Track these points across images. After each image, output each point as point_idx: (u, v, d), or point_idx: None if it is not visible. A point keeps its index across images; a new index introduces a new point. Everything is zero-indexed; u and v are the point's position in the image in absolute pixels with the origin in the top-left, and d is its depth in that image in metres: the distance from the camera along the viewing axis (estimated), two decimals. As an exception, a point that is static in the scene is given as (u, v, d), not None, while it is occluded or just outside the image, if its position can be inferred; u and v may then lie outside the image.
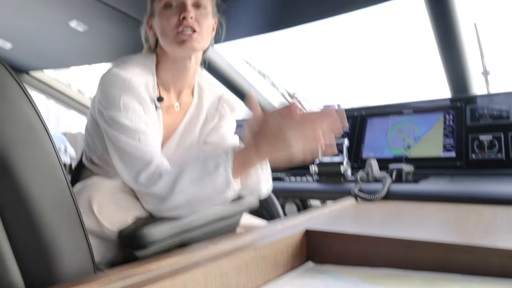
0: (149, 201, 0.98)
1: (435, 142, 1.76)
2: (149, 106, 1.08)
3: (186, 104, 1.21)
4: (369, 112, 2.03)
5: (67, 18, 2.15)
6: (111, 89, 1.03)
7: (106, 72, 1.07)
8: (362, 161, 1.88)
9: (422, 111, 1.87)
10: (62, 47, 2.67)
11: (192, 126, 1.21)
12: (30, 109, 0.52)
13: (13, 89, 0.51)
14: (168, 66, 1.14)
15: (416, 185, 1.39)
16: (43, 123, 0.53)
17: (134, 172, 0.97)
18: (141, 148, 0.99)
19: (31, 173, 0.51)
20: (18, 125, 0.51)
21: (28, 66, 3.10)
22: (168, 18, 1.07)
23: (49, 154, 0.53)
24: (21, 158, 0.50)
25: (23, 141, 0.51)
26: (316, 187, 1.65)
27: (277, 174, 1.95)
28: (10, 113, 0.50)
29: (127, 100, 1.03)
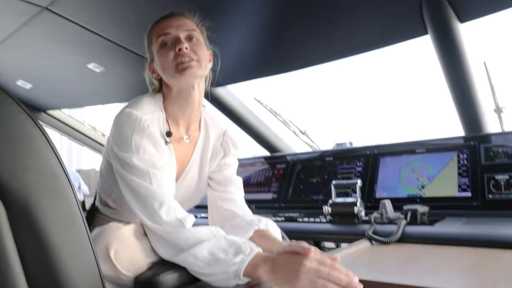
0: (166, 245, 0.99)
1: (450, 181, 1.74)
2: (160, 142, 1.14)
3: (194, 138, 1.27)
4: (382, 151, 2.03)
5: (86, 61, 2.23)
6: (123, 128, 1.09)
7: (119, 112, 1.13)
8: (375, 200, 1.86)
9: (435, 150, 1.86)
10: (79, 87, 2.75)
11: (203, 158, 1.28)
12: (53, 158, 0.54)
13: (39, 139, 0.53)
14: (174, 99, 1.20)
15: (431, 227, 1.37)
16: (65, 172, 0.55)
17: (151, 211, 1.00)
18: (153, 190, 1.03)
19: (52, 221, 0.53)
20: (42, 174, 0.53)
21: (47, 105, 3.20)
22: (165, 54, 1.14)
23: (70, 202, 0.55)
24: (44, 207, 0.52)
25: (47, 189, 0.53)
26: (330, 228, 1.63)
27: (290, 214, 1.94)
28: (35, 163, 0.52)
29: (138, 139, 1.08)
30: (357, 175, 2.02)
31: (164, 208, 1.01)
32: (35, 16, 1.77)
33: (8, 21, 1.83)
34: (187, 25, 1.19)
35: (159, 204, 1.01)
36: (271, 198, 2.26)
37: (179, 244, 0.97)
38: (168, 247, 0.99)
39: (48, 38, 2.00)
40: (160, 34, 1.17)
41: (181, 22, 1.18)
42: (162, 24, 1.19)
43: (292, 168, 2.31)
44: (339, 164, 2.14)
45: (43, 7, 1.68)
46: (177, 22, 1.18)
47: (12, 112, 0.52)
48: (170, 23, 1.18)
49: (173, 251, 0.98)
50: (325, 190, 2.08)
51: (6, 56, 2.26)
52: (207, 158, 1.29)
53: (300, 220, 1.77)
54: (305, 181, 2.20)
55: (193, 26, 1.21)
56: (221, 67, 1.30)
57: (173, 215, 1.00)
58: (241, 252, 0.93)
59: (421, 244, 1.27)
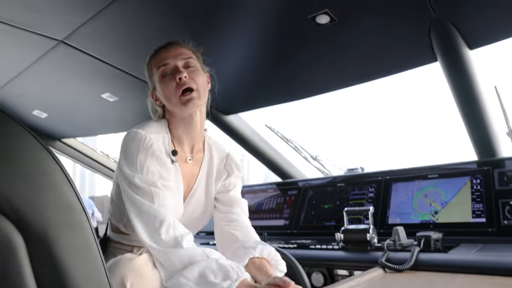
0: (162, 267, 1.04)
1: (464, 207, 1.72)
2: (165, 160, 1.19)
3: (199, 158, 1.33)
4: (394, 176, 2.02)
5: (100, 91, 2.28)
6: (129, 147, 1.16)
7: (127, 132, 1.21)
8: (388, 226, 1.85)
9: (448, 175, 1.85)
10: (93, 117, 2.80)
11: (209, 178, 1.34)
12: (70, 191, 0.56)
13: (57, 174, 0.55)
14: (178, 123, 1.27)
15: (446, 255, 1.35)
16: (81, 204, 0.57)
17: (151, 230, 1.06)
18: (154, 208, 1.08)
19: (70, 253, 0.54)
20: (60, 208, 0.55)
21: (61, 134, 3.25)
22: (167, 84, 1.21)
23: (87, 234, 0.57)
24: (62, 239, 0.54)
25: (64, 222, 0.55)
26: (342, 256, 1.61)
27: (302, 240, 1.93)
28: (54, 197, 0.54)
29: (143, 158, 1.15)
30: (369, 201, 2.01)
31: (164, 226, 1.06)
32: (52, 49, 1.83)
33: (26, 54, 1.90)
34: (184, 54, 1.26)
35: (159, 222, 1.06)
36: (283, 225, 2.25)
37: (174, 263, 1.02)
38: (164, 268, 1.04)
39: (64, 69, 2.05)
40: (160, 65, 1.24)
41: (178, 52, 1.25)
42: (160, 55, 1.26)
43: (304, 194, 2.31)
44: (351, 190, 2.13)
45: (60, 40, 1.74)
46: (174, 52, 1.25)
47: (33, 149, 0.54)
48: (168, 54, 1.25)
49: (168, 272, 1.03)
50: (337, 216, 2.07)
51: (23, 87, 2.32)
52: (212, 178, 1.34)
53: (312, 247, 1.76)
54: (317, 207, 2.19)
55: (189, 53, 1.27)
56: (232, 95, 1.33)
57: (172, 233, 1.06)
58: (228, 278, 0.97)
59: (436, 272, 1.25)
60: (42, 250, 0.53)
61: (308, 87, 2.09)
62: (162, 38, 1.41)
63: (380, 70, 1.84)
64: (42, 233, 0.53)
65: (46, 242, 0.53)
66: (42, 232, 0.53)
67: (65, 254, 0.54)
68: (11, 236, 0.52)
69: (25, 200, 0.52)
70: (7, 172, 0.52)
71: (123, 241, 1.27)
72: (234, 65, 1.92)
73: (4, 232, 0.51)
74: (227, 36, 1.69)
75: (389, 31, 1.55)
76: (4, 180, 0.52)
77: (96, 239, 0.58)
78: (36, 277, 0.52)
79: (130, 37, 1.73)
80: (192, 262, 1.02)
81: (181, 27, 1.65)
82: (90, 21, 1.57)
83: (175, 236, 1.06)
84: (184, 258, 1.02)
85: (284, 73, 1.94)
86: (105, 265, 0.59)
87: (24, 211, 0.52)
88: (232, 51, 1.80)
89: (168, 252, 1.04)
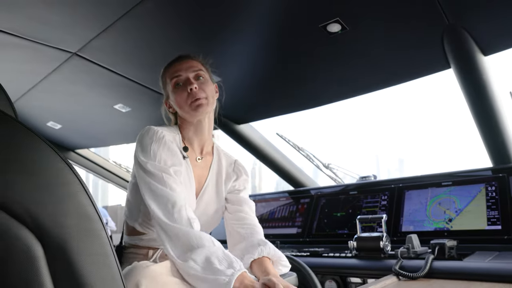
0: (173, 244, 1.12)
1: (478, 214, 1.71)
2: (178, 154, 1.32)
3: (208, 160, 1.45)
4: (407, 184, 2.01)
5: (113, 102, 2.32)
6: (144, 139, 1.29)
7: (143, 128, 1.34)
8: (401, 234, 1.83)
9: (462, 182, 1.83)
10: (106, 127, 2.84)
11: (219, 178, 1.44)
12: (87, 200, 0.58)
13: (75, 184, 0.57)
14: (189, 127, 1.39)
15: (460, 262, 1.34)
16: (98, 213, 0.59)
17: (165, 209, 1.17)
18: (167, 191, 1.19)
19: (88, 261, 0.56)
20: (78, 217, 0.56)
21: (75, 145, 3.30)
22: (179, 94, 1.34)
23: (103, 242, 0.58)
24: (80, 248, 0.55)
25: (82, 231, 0.56)
26: (355, 264, 1.61)
27: (314, 248, 1.92)
28: (73, 207, 0.56)
29: (156, 148, 1.27)
30: (382, 209, 2.00)
31: (176, 207, 1.16)
32: (65, 62, 1.87)
33: (41, 67, 1.94)
34: (194, 66, 1.37)
35: (172, 203, 1.17)
36: (296, 233, 2.24)
37: (184, 242, 1.10)
38: (175, 246, 1.12)
39: (77, 81, 2.09)
40: (173, 77, 1.36)
41: (189, 64, 1.37)
42: (174, 67, 1.38)
43: (316, 202, 2.30)
44: (363, 198, 2.12)
45: (73, 52, 1.78)
46: (186, 64, 1.37)
47: (51, 160, 0.56)
48: (180, 66, 1.36)
49: (178, 251, 1.11)
50: (350, 225, 2.06)
51: (38, 99, 2.36)
52: (222, 179, 1.45)
53: (325, 255, 1.75)
54: (329, 215, 2.19)
55: (199, 66, 1.39)
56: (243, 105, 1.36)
57: (184, 214, 1.16)
58: (232, 267, 1.05)
59: (450, 279, 1.24)
60: (60, 258, 0.54)
61: (319, 96, 2.09)
62: (171, 49, 1.44)
63: (392, 77, 1.83)
64: (60, 242, 0.54)
65: (64, 250, 0.54)
66: (60, 240, 0.54)
67: (83, 262, 0.55)
68: (31, 245, 0.53)
69: (44, 210, 0.54)
70: (26, 182, 0.54)
71: (139, 243, 1.34)
72: (245, 75, 1.93)
73: (24, 241, 0.53)
74: (237, 46, 1.71)
75: (401, 38, 1.55)
76: (24, 190, 0.53)
77: (112, 246, 0.59)
78: (55, 284, 0.54)
79: (141, 48, 1.76)
80: (200, 245, 1.09)
81: (190, 39, 1.68)
82: (102, 33, 1.61)
83: (187, 217, 1.16)
84: (194, 240, 1.10)
85: (295, 82, 1.94)
86: (121, 272, 0.60)
87: (43, 220, 0.54)
88: (243, 61, 1.82)
89: (181, 230, 1.12)
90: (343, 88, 1.96)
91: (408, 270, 1.32)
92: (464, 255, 1.44)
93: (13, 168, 0.54)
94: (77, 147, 3.38)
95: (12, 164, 0.54)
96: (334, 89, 1.99)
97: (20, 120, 0.58)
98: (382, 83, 1.88)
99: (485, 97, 1.63)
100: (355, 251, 1.67)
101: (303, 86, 1.97)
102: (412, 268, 1.35)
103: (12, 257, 0.52)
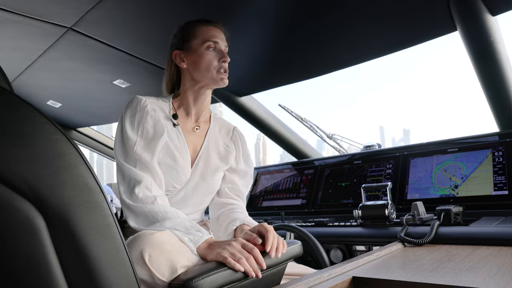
0: (136, 218, 1.15)
1: (485, 180, 1.69)
2: (161, 122, 1.29)
3: (204, 128, 1.43)
4: (412, 152, 1.99)
5: (112, 78, 2.29)
6: (125, 111, 1.27)
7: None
8: (407, 202, 1.83)
9: (468, 148, 1.81)
10: (106, 104, 2.82)
11: (213, 146, 1.42)
12: (87, 172, 0.57)
13: (73, 155, 0.56)
14: (193, 93, 1.37)
15: (466, 228, 1.33)
16: (99, 184, 0.58)
17: (128, 188, 1.18)
18: (134, 171, 1.20)
19: (90, 231, 0.56)
20: (78, 188, 0.56)
21: (76, 123, 3.29)
22: (211, 58, 1.32)
23: (105, 213, 0.58)
24: (82, 219, 0.55)
25: (83, 202, 0.56)
26: (361, 232, 1.61)
27: (319, 219, 1.92)
28: (71, 178, 0.56)
29: (139, 118, 1.25)
30: (387, 178, 1.99)
31: (139, 186, 1.17)
32: (61, 37, 1.83)
33: (35, 43, 1.91)
34: (226, 40, 1.39)
35: (137, 182, 1.18)
36: (300, 204, 2.24)
37: (148, 217, 1.13)
38: (138, 220, 1.15)
39: (74, 57, 2.06)
40: (209, 39, 1.33)
41: (224, 37, 1.38)
42: (211, 30, 1.35)
43: (321, 173, 2.30)
44: (368, 167, 2.11)
45: (69, 27, 1.74)
46: (222, 35, 1.37)
47: (47, 131, 0.55)
48: (218, 33, 1.36)
49: (142, 223, 1.13)
50: (354, 194, 2.06)
51: (36, 77, 2.34)
52: (218, 147, 1.43)
53: (330, 225, 1.75)
54: (334, 185, 2.18)
55: (227, 41, 1.40)
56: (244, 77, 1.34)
57: (148, 193, 1.17)
58: (200, 231, 1.09)
59: (456, 244, 1.24)
60: (62, 230, 0.54)
61: (322, 65, 2.05)
62: (172, 21, 1.40)
63: (397, 42, 1.78)
64: (61, 213, 0.54)
65: (65, 221, 0.54)
66: (61, 212, 0.54)
67: (85, 233, 0.55)
68: (33, 217, 0.53)
69: (43, 182, 0.53)
70: (23, 155, 0.53)
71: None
72: (246, 46, 1.89)
73: (26, 213, 0.52)
74: (237, 16, 1.67)
75: (406, 1, 1.50)
76: (22, 163, 0.53)
77: (115, 217, 0.59)
78: (59, 255, 0.54)
79: (139, 20, 1.72)
80: (165, 218, 1.11)
81: (192, 9, 1.63)
82: (97, 5, 1.57)
83: (150, 195, 1.17)
84: (158, 214, 1.12)
85: (297, 50, 1.90)
86: (124, 242, 0.60)
87: (42, 192, 0.53)
88: (243, 31, 1.77)
89: (143, 208, 1.14)
90: (346, 55, 1.92)
91: (414, 236, 1.31)
92: (470, 221, 1.43)
93: (10, 141, 0.53)
94: (79, 125, 3.36)
95: (9, 137, 0.53)
96: (336, 56, 1.94)
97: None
98: (386, 49, 1.83)
99: (493, 60, 1.59)
100: (360, 220, 1.67)
101: (306, 54, 1.93)
102: (417, 235, 1.34)
103: (15, 230, 0.52)
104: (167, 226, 1.08)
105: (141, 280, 0.91)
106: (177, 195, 1.33)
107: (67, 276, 0.55)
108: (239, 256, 0.95)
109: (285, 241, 1.10)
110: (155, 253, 0.93)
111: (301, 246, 1.13)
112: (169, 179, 1.28)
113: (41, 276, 0.53)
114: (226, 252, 0.96)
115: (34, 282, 0.53)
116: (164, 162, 1.27)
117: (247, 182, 1.50)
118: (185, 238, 1.04)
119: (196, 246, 1.03)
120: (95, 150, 3.63)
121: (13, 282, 0.52)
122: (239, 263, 0.94)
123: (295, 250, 1.10)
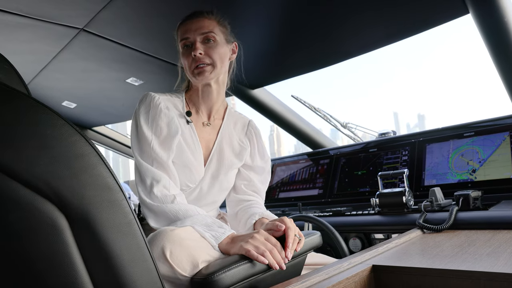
0: (156, 218, 1.16)
1: (503, 163, 1.67)
2: (174, 120, 1.28)
3: (217, 125, 1.41)
4: (427, 138, 1.97)
5: (125, 76, 2.31)
6: (139, 109, 1.27)
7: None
8: (424, 188, 1.82)
9: (484, 132, 1.79)
10: (120, 103, 2.84)
11: (227, 142, 1.41)
12: (106, 172, 0.59)
13: (92, 156, 0.58)
14: (196, 91, 1.37)
15: (486, 212, 1.32)
16: (118, 183, 0.60)
17: (147, 187, 1.19)
18: (151, 170, 1.20)
19: (112, 230, 0.57)
20: (98, 188, 0.57)
21: (91, 123, 3.33)
22: (186, 57, 1.30)
23: (126, 211, 0.59)
24: (103, 218, 0.57)
25: (103, 201, 0.57)
26: (379, 220, 1.60)
27: (337, 208, 1.92)
28: (91, 178, 0.57)
29: (153, 116, 1.25)
30: (403, 164, 1.98)
31: (158, 186, 1.17)
32: (74, 38, 1.85)
33: (49, 46, 1.93)
34: (205, 27, 1.29)
35: (155, 181, 1.18)
36: (317, 194, 2.25)
37: (169, 216, 1.14)
38: (159, 219, 1.16)
39: (88, 58, 2.08)
40: (182, 38, 1.31)
41: (200, 25, 1.29)
42: (184, 26, 1.32)
43: (336, 162, 2.29)
44: (383, 154, 2.10)
45: (81, 28, 1.76)
46: (196, 24, 1.29)
47: (66, 133, 0.56)
48: (190, 26, 1.30)
49: (163, 223, 1.15)
50: (371, 182, 2.05)
51: (50, 79, 2.37)
52: (232, 143, 1.42)
53: (348, 214, 1.75)
54: (350, 174, 2.18)
55: (211, 26, 1.30)
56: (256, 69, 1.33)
57: (166, 192, 1.17)
58: (222, 227, 1.08)
59: (476, 229, 1.23)
60: (85, 229, 0.56)
61: (335, 53, 2.03)
62: (182, 16, 1.39)
63: (408, 28, 1.75)
64: (83, 213, 0.55)
65: (87, 220, 0.55)
66: (83, 211, 0.55)
67: (107, 232, 0.57)
68: (55, 218, 0.54)
69: (64, 182, 0.55)
70: (44, 157, 0.54)
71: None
72: (257, 38, 1.89)
73: (48, 214, 0.54)
74: (248, 7, 1.66)
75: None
76: (42, 165, 0.54)
77: (135, 215, 0.60)
78: (82, 255, 0.55)
79: (150, 17, 1.73)
80: (186, 216, 1.12)
81: (203, 2, 1.63)
82: (108, 5, 1.58)
83: (169, 194, 1.17)
84: (179, 212, 1.13)
85: (309, 40, 1.88)
86: (145, 239, 0.61)
87: (63, 193, 0.54)
88: (254, 23, 1.77)
89: (163, 207, 1.14)
90: (358, 42, 1.89)
91: (432, 222, 1.31)
92: (490, 205, 1.42)
93: (30, 144, 0.54)
94: (94, 124, 3.40)
95: (29, 140, 0.54)
96: (349, 45, 1.92)
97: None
98: (398, 35, 1.80)
99: (508, 41, 1.55)
100: (377, 208, 1.67)
101: (318, 43, 1.91)
102: (436, 221, 1.34)
103: (39, 231, 0.54)
104: (188, 223, 1.08)
105: (163, 276, 0.92)
106: (192, 194, 1.34)
107: (91, 274, 0.56)
108: (263, 249, 0.95)
109: (304, 232, 1.11)
110: (176, 249, 0.94)
111: (320, 237, 1.13)
112: (182, 178, 1.29)
113: (66, 275, 0.54)
114: (249, 245, 0.97)
115: (60, 281, 0.54)
116: (177, 161, 1.27)
117: (264, 178, 1.49)
118: (207, 234, 1.04)
119: (218, 242, 1.03)
120: (111, 148, 3.67)
121: (39, 282, 0.54)
122: (263, 255, 0.94)
123: (314, 241, 1.11)
